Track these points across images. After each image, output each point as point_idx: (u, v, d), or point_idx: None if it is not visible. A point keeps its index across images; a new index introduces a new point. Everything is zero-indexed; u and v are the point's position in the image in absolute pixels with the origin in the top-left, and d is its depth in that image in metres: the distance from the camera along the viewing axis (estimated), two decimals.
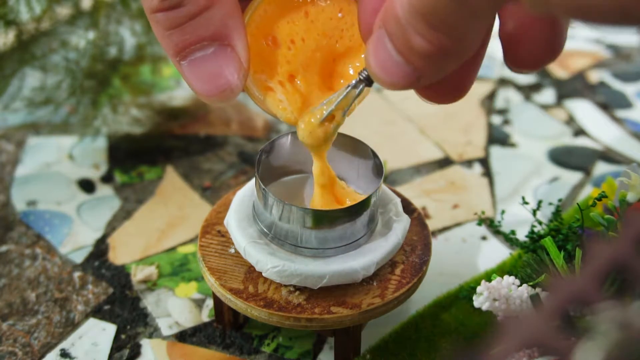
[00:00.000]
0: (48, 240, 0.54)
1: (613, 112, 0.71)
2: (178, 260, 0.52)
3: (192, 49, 0.34)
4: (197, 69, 0.34)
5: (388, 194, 0.46)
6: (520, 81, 0.75)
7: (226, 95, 0.35)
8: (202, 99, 0.35)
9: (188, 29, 0.33)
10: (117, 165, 0.62)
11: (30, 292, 0.50)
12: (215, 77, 0.34)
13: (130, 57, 0.64)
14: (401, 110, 0.70)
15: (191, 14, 0.33)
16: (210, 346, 0.46)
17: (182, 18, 0.33)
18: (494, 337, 0.25)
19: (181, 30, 0.33)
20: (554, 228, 0.45)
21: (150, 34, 0.64)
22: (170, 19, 0.33)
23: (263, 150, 0.43)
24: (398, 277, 0.43)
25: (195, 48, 0.34)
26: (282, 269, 0.40)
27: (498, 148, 0.65)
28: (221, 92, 0.35)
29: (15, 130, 0.66)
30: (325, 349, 0.46)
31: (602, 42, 0.83)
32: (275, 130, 0.67)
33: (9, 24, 0.59)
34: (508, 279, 0.39)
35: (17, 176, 0.60)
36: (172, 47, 0.34)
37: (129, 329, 0.47)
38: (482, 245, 0.54)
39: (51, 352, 0.45)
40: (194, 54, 0.34)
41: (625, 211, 0.43)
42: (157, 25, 0.34)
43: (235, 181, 0.60)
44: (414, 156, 0.64)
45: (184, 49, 0.34)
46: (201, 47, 0.34)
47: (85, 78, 0.60)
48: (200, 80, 0.35)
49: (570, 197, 0.59)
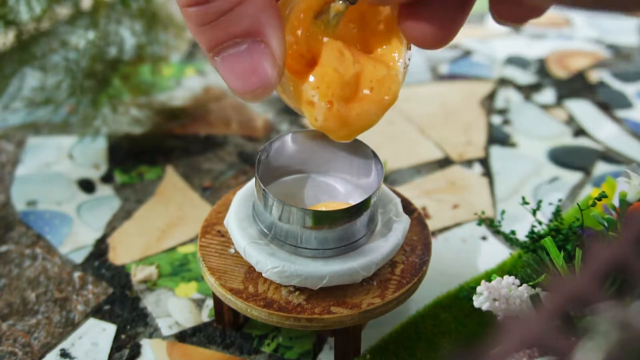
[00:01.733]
0: (48, 240, 0.54)
1: (613, 112, 0.71)
2: (178, 260, 0.52)
3: (225, 45, 0.33)
4: (230, 66, 0.34)
5: (388, 194, 0.46)
6: (520, 81, 0.75)
7: (260, 93, 0.34)
8: (236, 95, 0.35)
9: (220, 25, 0.33)
10: (117, 165, 0.62)
11: (30, 292, 0.50)
12: (248, 74, 0.34)
13: (130, 57, 0.64)
14: (401, 110, 0.70)
15: (223, 9, 0.32)
16: (210, 346, 0.46)
17: (214, 14, 0.32)
18: (494, 337, 0.25)
19: (213, 26, 0.33)
20: (554, 228, 0.45)
21: (150, 34, 0.64)
22: (202, 14, 0.32)
23: (263, 150, 0.43)
24: (398, 277, 0.43)
25: (228, 45, 0.33)
26: (282, 270, 0.40)
27: (498, 148, 0.65)
28: (255, 89, 0.34)
29: (15, 130, 0.66)
30: (325, 349, 0.46)
31: (602, 42, 0.83)
32: (275, 130, 0.67)
33: (9, 24, 0.59)
34: (508, 279, 0.39)
35: (17, 176, 0.60)
36: (204, 43, 0.33)
37: (129, 329, 0.47)
38: (482, 245, 0.54)
39: (51, 352, 0.45)
40: (227, 51, 0.33)
41: (625, 211, 0.43)
42: (189, 21, 0.33)
43: (235, 181, 0.60)
44: (414, 156, 0.64)
45: (216, 46, 0.33)
46: (234, 43, 0.33)
47: (85, 78, 0.60)
48: (233, 77, 0.34)
49: (570, 197, 0.59)
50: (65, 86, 0.61)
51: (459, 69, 0.77)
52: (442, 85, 0.75)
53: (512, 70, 0.77)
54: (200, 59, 0.78)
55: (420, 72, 0.76)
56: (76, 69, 0.61)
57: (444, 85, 0.75)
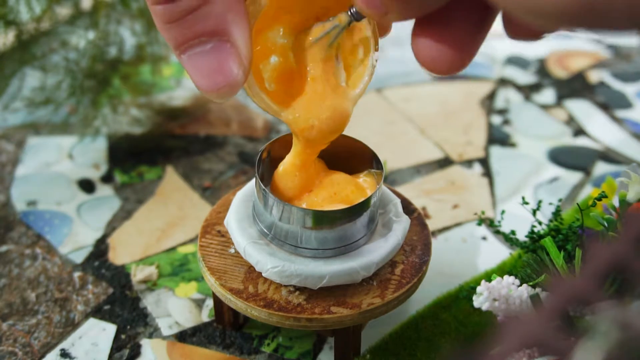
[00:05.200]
0: (48, 240, 0.54)
1: (613, 112, 0.71)
2: (178, 260, 0.52)
3: (191, 44, 0.33)
4: (196, 64, 0.34)
5: (388, 194, 0.46)
6: (520, 81, 0.75)
7: (225, 92, 0.34)
8: (202, 94, 0.35)
9: (186, 24, 0.33)
10: (117, 165, 0.62)
11: (30, 292, 0.50)
12: (214, 73, 0.34)
13: (130, 57, 0.64)
14: (401, 110, 0.70)
15: (189, 8, 0.32)
16: (210, 346, 0.46)
17: (180, 12, 0.32)
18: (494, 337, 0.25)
19: (179, 24, 0.33)
20: (554, 228, 0.45)
21: (150, 34, 0.64)
22: (168, 12, 0.32)
23: (263, 150, 0.43)
24: (398, 277, 0.43)
25: (194, 43, 0.33)
26: (282, 270, 0.40)
27: (498, 148, 0.65)
28: (220, 88, 0.34)
29: (15, 130, 0.66)
30: (325, 349, 0.46)
31: (602, 42, 0.83)
32: (275, 130, 0.67)
33: (9, 24, 0.59)
34: (508, 279, 0.39)
35: (17, 176, 0.60)
36: (171, 40, 0.34)
37: (129, 329, 0.47)
38: (482, 245, 0.54)
39: (51, 352, 0.45)
40: (193, 49, 0.34)
41: (625, 211, 0.43)
42: (156, 18, 0.33)
43: (235, 181, 0.60)
44: (414, 156, 0.64)
45: (183, 44, 0.34)
46: (200, 42, 0.33)
47: (85, 78, 0.60)
48: (199, 75, 0.34)
49: (570, 197, 0.59)
50: (65, 86, 0.61)
51: None
52: (442, 85, 0.75)
53: (512, 70, 0.77)
54: None
55: (420, 72, 0.76)
56: (76, 69, 0.61)
57: (444, 85, 0.75)
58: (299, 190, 0.42)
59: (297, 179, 0.42)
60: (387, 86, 0.74)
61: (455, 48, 0.33)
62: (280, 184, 0.42)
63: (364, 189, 0.43)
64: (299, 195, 0.42)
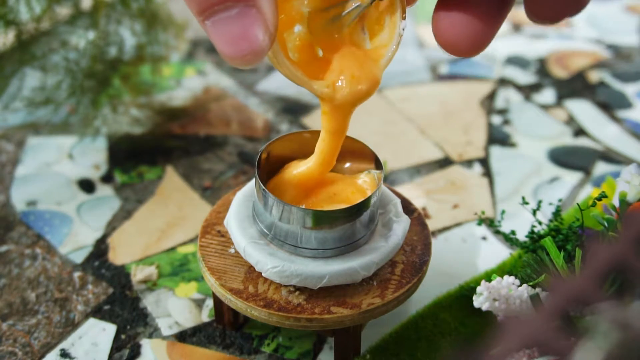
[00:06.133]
0: (48, 240, 0.54)
1: (613, 112, 0.71)
2: (178, 260, 0.52)
3: (216, 9, 0.32)
4: (220, 30, 0.33)
5: (388, 194, 0.46)
6: (520, 81, 0.75)
7: (250, 59, 0.33)
8: (226, 61, 0.34)
9: None
10: (117, 165, 0.62)
11: (30, 292, 0.50)
12: (239, 39, 0.32)
13: (130, 57, 0.64)
14: (401, 110, 0.70)
15: None
16: (210, 346, 0.46)
17: None
18: (494, 337, 0.25)
19: None
20: (554, 228, 0.45)
21: (150, 34, 0.64)
22: None
23: (263, 150, 0.43)
24: (398, 277, 0.43)
25: (219, 9, 0.32)
26: (282, 270, 0.40)
27: (498, 148, 0.65)
28: (245, 55, 0.33)
29: (15, 130, 0.66)
30: (325, 349, 0.46)
31: (602, 42, 0.83)
32: (275, 130, 0.67)
33: (9, 24, 0.59)
34: (508, 279, 0.39)
35: (17, 176, 0.60)
36: (194, 6, 0.32)
37: (129, 329, 0.47)
38: (482, 245, 0.54)
39: (51, 352, 0.45)
40: (217, 15, 0.32)
41: (625, 211, 0.43)
42: None
43: (235, 181, 0.60)
44: (414, 156, 0.64)
45: (207, 9, 0.32)
46: (225, 7, 0.32)
47: (85, 78, 0.60)
48: (223, 41, 0.33)
49: (570, 197, 0.59)
50: (65, 86, 0.61)
51: (459, 69, 0.77)
52: (442, 85, 0.75)
53: (512, 70, 0.77)
54: (200, 59, 0.78)
55: (420, 72, 0.76)
56: (76, 69, 0.61)
57: (444, 85, 0.75)
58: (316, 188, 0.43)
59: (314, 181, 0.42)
60: (387, 86, 0.74)
61: (479, 23, 0.32)
62: (294, 185, 0.42)
63: (364, 191, 0.43)
64: (301, 198, 0.43)
